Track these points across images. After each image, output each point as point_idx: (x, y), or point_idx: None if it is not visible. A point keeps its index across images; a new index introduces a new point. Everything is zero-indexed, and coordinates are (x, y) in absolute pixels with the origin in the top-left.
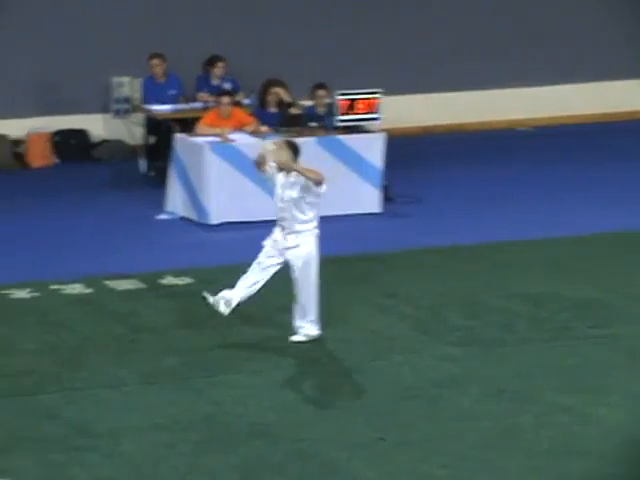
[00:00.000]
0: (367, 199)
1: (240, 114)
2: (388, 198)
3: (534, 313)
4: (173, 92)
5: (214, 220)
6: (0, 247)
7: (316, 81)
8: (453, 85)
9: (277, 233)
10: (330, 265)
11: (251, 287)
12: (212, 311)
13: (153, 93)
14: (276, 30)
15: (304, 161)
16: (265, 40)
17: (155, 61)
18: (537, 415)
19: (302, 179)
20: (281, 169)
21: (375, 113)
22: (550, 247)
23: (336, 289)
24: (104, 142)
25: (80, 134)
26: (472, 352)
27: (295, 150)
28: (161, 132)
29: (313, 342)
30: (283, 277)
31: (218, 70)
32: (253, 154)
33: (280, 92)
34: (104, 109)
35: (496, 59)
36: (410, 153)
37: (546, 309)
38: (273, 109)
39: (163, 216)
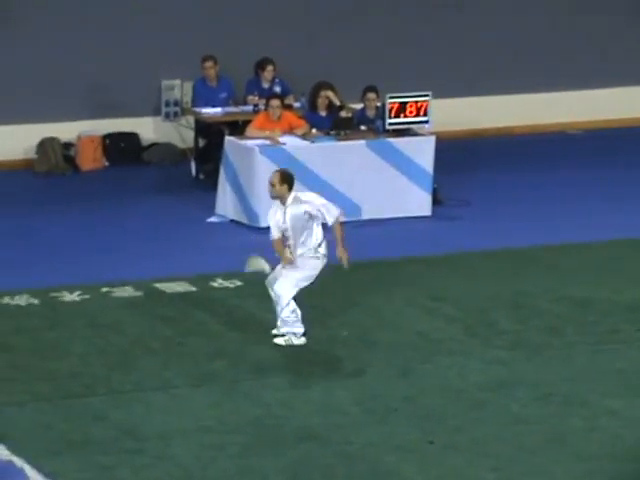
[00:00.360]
0: (417, 202)
1: (290, 117)
2: (437, 201)
3: (582, 316)
4: (224, 95)
5: (264, 223)
6: (50, 250)
7: (366, 84)
8: (503, 88)
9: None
10: (379, 268)
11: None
12: (260, 314)
13: (204, 96)
14: (327, 33)
15: (355, 165)
16: (316, 43)
17: (208, 63)
18: (585, 419)
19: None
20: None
21: (425, 116)
22: (599, 250)
23: (384, 292)
24: (154, 145)
25: (130, 137)
26: (520, 355)
27: (290, 182)
28: (211, 135)
29: (362, 345)
30: (330, 282)
31: (268, 73)
32: (303, 157)
33: (330, 95)
34: (154, 112)
35: (546, 62)
36: (459, 156)
37: (594, 312)
38: (323, 112)
39: (213, 219)
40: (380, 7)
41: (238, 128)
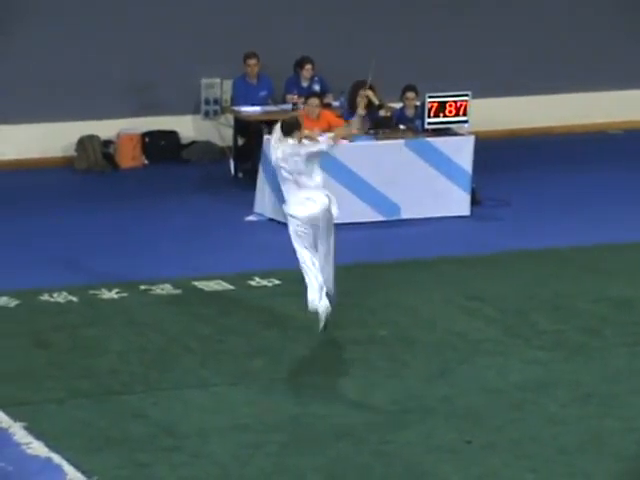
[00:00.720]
0: (455, 202)
1: (329, 116)
2: (476, 201)
3: (621, 317)
4: (264, 93)
5: None
6: (89, 247)
7: (405, 83)
8: (542, 88)
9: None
10: (417, 267)
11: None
12: (299, 312)
13: (244, 94)
14: (366, 32)
15: (394, 164)
16: (355, 42)
17: (252, 61)
18: (624, 419)
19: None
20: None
21: (464, 116)
22: (639, 251)
23: (423, 291)
24: (193, 143)
25: (170, 135)
26: (559, 356)
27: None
28: (250, 133)
29: (400, 344)
30: (368, 282)
31: (306, 72)
32: (342, 156)
33: (369, 94)
34: (194, 110)
35: (586, 61)
36: (498, 156)
37: (634, 313)
38: (362, 111)
39: (252, 217)
40: (420, 7)
41: None
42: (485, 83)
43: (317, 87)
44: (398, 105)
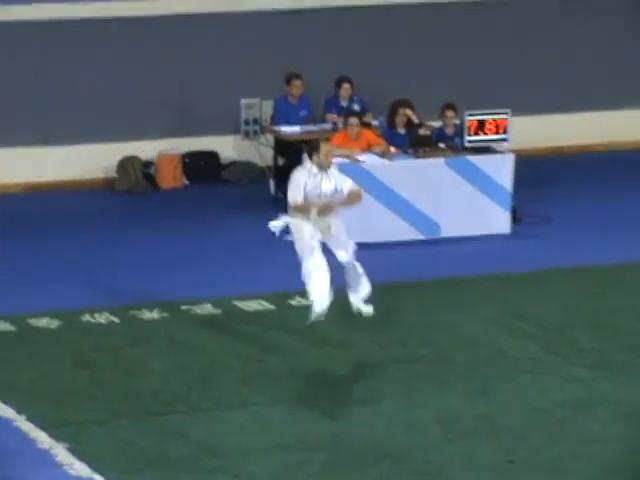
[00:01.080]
0: (496, 220)
1: (369, 135)
2: (516, 219)
3: None
4: (304, 113)
5: None
6: (130, 268)
7: (445, 102)
8: (583, 105)
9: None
10: (457, 286)
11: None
12: (340, 331)
13: (285, 114)
14: (405, 51)
15: (434, 182)
16: (394, 61)
17: (298, 82)
18: None
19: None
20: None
21: (504, 134)
22: None
23: (463, 310)
24: (233, 163)
25: (210, 155)
26: (600, 374)
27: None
28: (290, 153)
29: (441, 363)
30: (409, 300)
31: (344, 91)
32: (382, 175)
33: (409, 113)
34: (234, 130)
35: (627, 79)
36: (539, 174)
37: None
38: (402, 130)
39: (291, 237)
40: (458, 25)
41: None
42: (525, 100)
43: (356, 106)
44: (438, 124)
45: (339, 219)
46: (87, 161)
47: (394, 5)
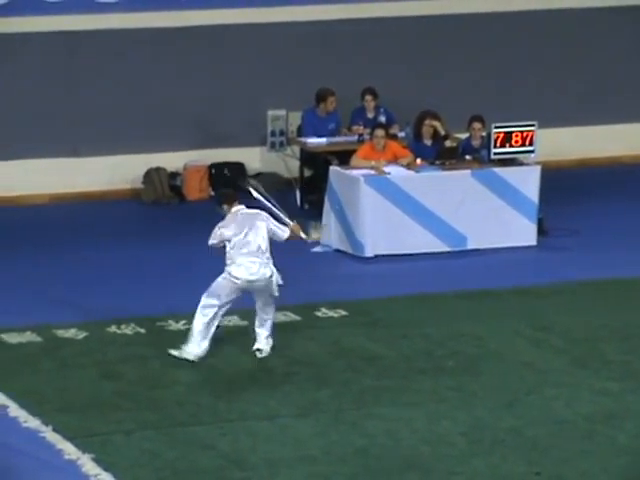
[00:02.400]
0: (522, 232)
1: (395, 147)
2: (543, 231)
3: None
4: (332, 126)
5: (369, 253)
6: (156, 279)
7: (471, 114)
8: (610, 117)
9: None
10: (484, 298)
11: None
12: (366, 343)
13: (313, 125)
14: (431, 63)
15: (460, 194)
16: (421, 72)
17: (332, 98)
18: None
19: None
20: None
21: (531, 146)
22: None
23: (490, 322)
24: (260, 175)
25: (236, 167)
26: (628, 386)
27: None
28: (316, 165)
29: (468, 375)
30: (435, 312)
31: (367, 103)
32: (408, 187)
33: (435, 124)
34: (260, 142)
35: None
36: (565, 186)
37: None
38: (428, 141)
39: (318, 249)
40: (485, 37)
41: (344, 158)
42: (552, 112)
43: (383, 118)
44: (464, 135)
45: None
46: (114, 172)
47: (421, 17)
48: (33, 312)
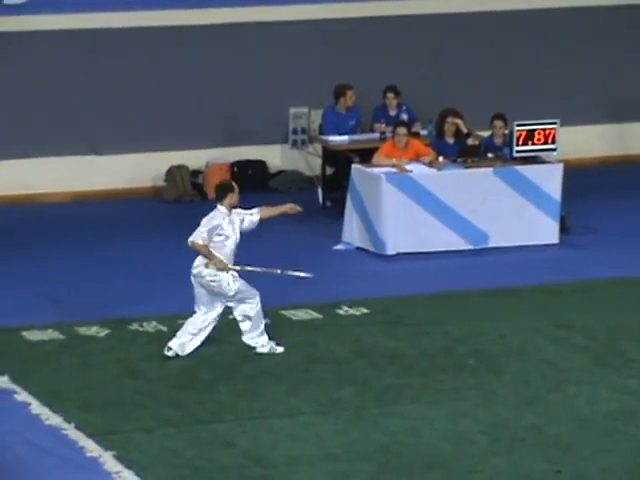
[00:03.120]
0: (544, 230)
1: (417, 145)
2: (565, 229)
3: None
4: (353, 123)
5: (390, 251)
6: (178, 277)
7: (494, 112)
8: (632, 115)
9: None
10: (506, 296)
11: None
12: (387, 341)
13: (334, 123)
14: (454, 60)
15: (482, 192)
16: (443, 70)
17: (350, 92)
18: None
19: None
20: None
21: (553, 144)
22: None
23: (512, 320)
24: (281, 173)
25: (258, 164)
26: None
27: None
28: (338, 163)
29: (489, 373)
30: (457, 310)
31: (389, 101)
32: (430, 185)
33: (458, 122)
34: (282, 140)
35: None
36: (587, 184)
37: None
38: (450, 139)
39: (340, 246)
40: (508, 35)
41: (366, 156)
42: (574, 110)
43: (405, 116)
44: (486, 133)
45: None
46: (135, 170)
47: (443, 14)
48: (55, 310)
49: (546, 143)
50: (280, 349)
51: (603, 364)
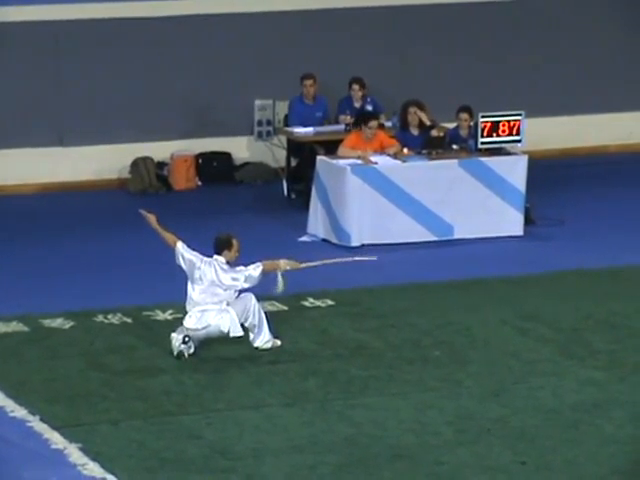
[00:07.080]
0: (509, 222)
1: (382, 136)
2: (530, 220)
3: None
4: (319, 114)
5: (355, 242)
6: (144, 268)
7: (459, 103)
8: (597, 106)
9: None
10: (471, 287)
11: None
12: (353, 333)
13: (300, 114)
14: (419, 52)
15: (447, 184)
16: (408, 62)
17: (309, 81)
18: None
19: None
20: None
21: (517, 135)
22: None
23: (477, 312)
24: (246, 164)
25: (223, 156)
26: (615, 376)
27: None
28: (303, 154)
29: (454, 365)
30: (422, 302)
31: (354, 92)
32: (395, 177)
33: (420, 115)
34: (247, 131)
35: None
36: (553, 175)
37: None
38: (415, 131)
39: (305, 238)
40: (472, 26)
41: (330, 147)
42: (538, 102)
43: (370, 107)
44: (452, 125)
45: None
46: (101, 162)
47: (408, 6)
48: (19, 301)
49: (511, 135)
50: (278, 342)
51: (568, 355)
